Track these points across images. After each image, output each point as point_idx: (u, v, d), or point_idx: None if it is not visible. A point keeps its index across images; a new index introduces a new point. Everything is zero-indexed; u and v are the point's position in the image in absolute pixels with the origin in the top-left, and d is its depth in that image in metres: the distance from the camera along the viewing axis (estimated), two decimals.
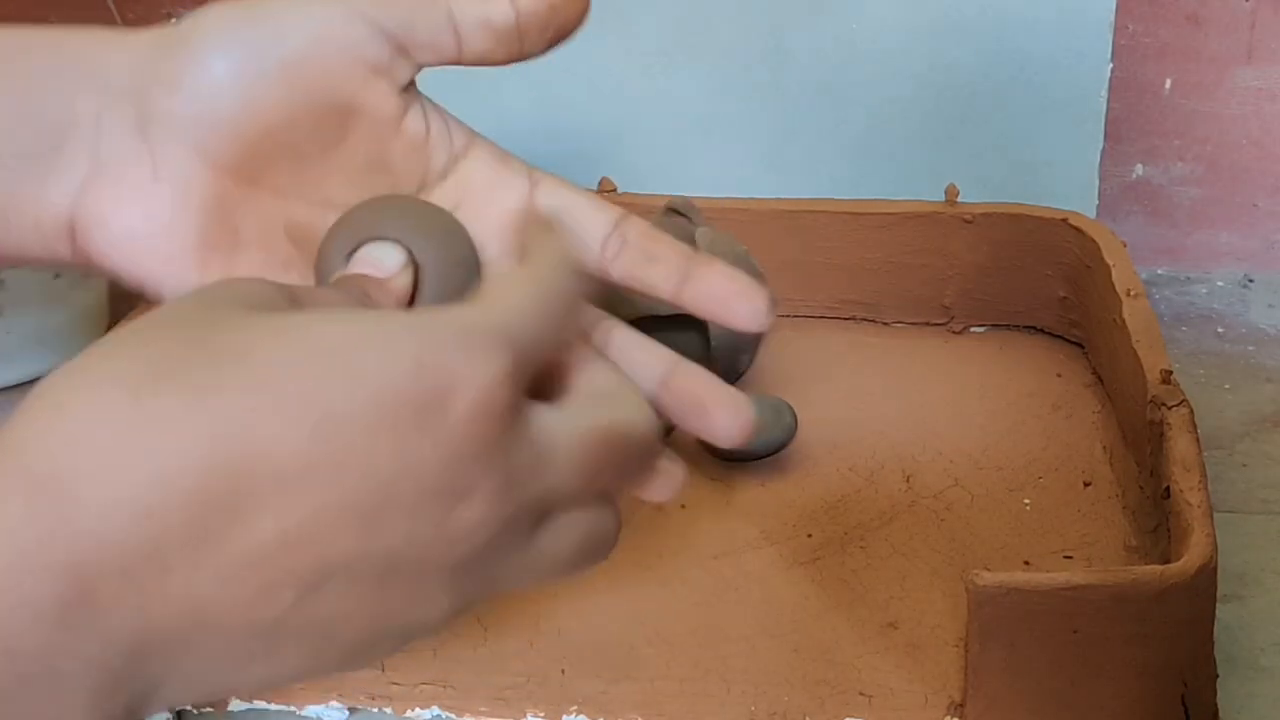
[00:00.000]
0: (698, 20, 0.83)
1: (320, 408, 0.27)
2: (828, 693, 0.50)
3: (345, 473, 0.27)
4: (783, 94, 0.83)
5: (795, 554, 0.58)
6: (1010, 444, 0.65)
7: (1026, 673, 0.47)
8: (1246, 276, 0.86)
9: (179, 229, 0.38)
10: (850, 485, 0.63)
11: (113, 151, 0.38)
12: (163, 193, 0.38)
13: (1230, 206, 0.87)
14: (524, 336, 0.30)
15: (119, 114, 0.38)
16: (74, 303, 0.75)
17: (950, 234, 0.73)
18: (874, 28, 0.82)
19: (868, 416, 0.68)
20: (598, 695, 0.50)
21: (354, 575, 0.28)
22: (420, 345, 0.28)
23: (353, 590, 0.28)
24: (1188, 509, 0.49)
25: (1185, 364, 0.74)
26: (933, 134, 0.82)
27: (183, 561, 0.26)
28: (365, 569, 0.28)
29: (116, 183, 0.38)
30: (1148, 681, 0.47)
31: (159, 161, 0.38)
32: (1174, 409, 0.55)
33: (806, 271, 0.75)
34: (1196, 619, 0.47)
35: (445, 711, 0.50)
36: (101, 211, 0.38)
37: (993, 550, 0.58)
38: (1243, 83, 0.84)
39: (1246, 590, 0.57)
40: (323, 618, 0.28)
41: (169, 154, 0.38)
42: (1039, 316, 0.74)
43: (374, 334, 0.28)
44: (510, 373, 0.29)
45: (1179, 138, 0.86)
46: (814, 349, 0.74)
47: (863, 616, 0.54)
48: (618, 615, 0.54)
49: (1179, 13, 0.83)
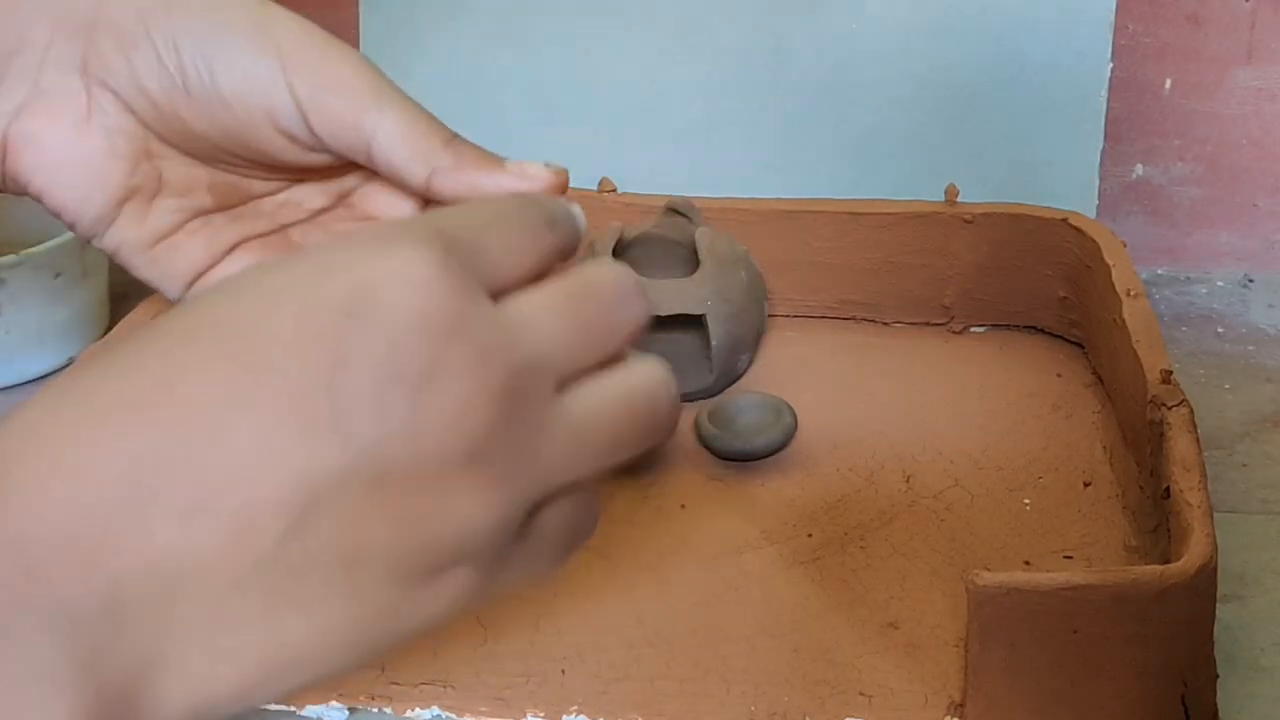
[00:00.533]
0: (698, 20, 0.83)
1: (246, 339, 0.27)
2: (828, 693, 0.50)
3: (286, 390, 0.27)
4: (783, 94, 0.83)
5: (795, 554, 0.58)
6: (1010, 444, 0.65)
7: (1026, 673, 0.47)
8: (1246, 276, 0.86)
9: (104, 169, 0.40)
10: (850, 485, 0.63)
11: (53, 82, 0.40)
12: (94, 134, 0.40)
13: (1230, 206, 0.87)
14: (458, 227, 0.30)
15: (67, 47, 0.40)
16: (74, 303, 0.75)
17: (950, 234, 0.73)
18: (874, 28, 0.82)
19: (868, 416, 0.68)
20: (598, 695, 0.50)
21: (342, 489, 0.27)
22: (341, 254, 0.28)
23: (350, 506, 0.27)
24: (1188, 509, 0.49)
25: (1185, 364, 0.74)
26: (933, 134, 0.82)
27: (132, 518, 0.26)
28: (350, 479, 0.27)
29: (51, 112, 0.40)
30: (1148, 681, 0.47)
31: (94, 104, 0.40)
32: (1174, 409, 0.55)
33: (806, 271, 0.75)
34: (1196, 619, 0.47)
35: (445, 711, 0.50)
36: (35, 137, 0.40)
37: (993, 550, 0.58)
38: (1243, 83, 0.84)
39: (1246, 590, 0.57)
40: (331, 544, 0.27)
41: (104, 100, 0.40)
42: (1039, 316, 0.74)
43: (303, 261, 0.29)
44: (442, 258, 0.28)
45: (1179, 138, 0.86)
46: (814, 349, 0.74)
47: (863, 616, 0.54)
48: (618, 615, 0.54)
49: (1179, 13, 0.83)
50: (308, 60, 0.38)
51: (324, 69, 0.38)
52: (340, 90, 0.38)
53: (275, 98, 0.38)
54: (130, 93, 0.40)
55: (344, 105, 0.38)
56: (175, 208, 0.42)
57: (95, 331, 0.77)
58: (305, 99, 0.38)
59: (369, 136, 0.38)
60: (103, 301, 0.78)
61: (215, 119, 0.40)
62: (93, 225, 0.42)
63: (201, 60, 0.39)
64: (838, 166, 0.84)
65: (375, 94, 0.38)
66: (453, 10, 0.85)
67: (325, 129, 0.39)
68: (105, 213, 0.41)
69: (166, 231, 0.42)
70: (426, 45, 0.86)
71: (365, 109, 0.38)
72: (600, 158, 0.79)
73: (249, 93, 0.39)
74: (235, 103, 0.39)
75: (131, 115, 0.40)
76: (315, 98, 0.38)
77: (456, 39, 0.85)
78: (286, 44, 0.39)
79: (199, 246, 0.43)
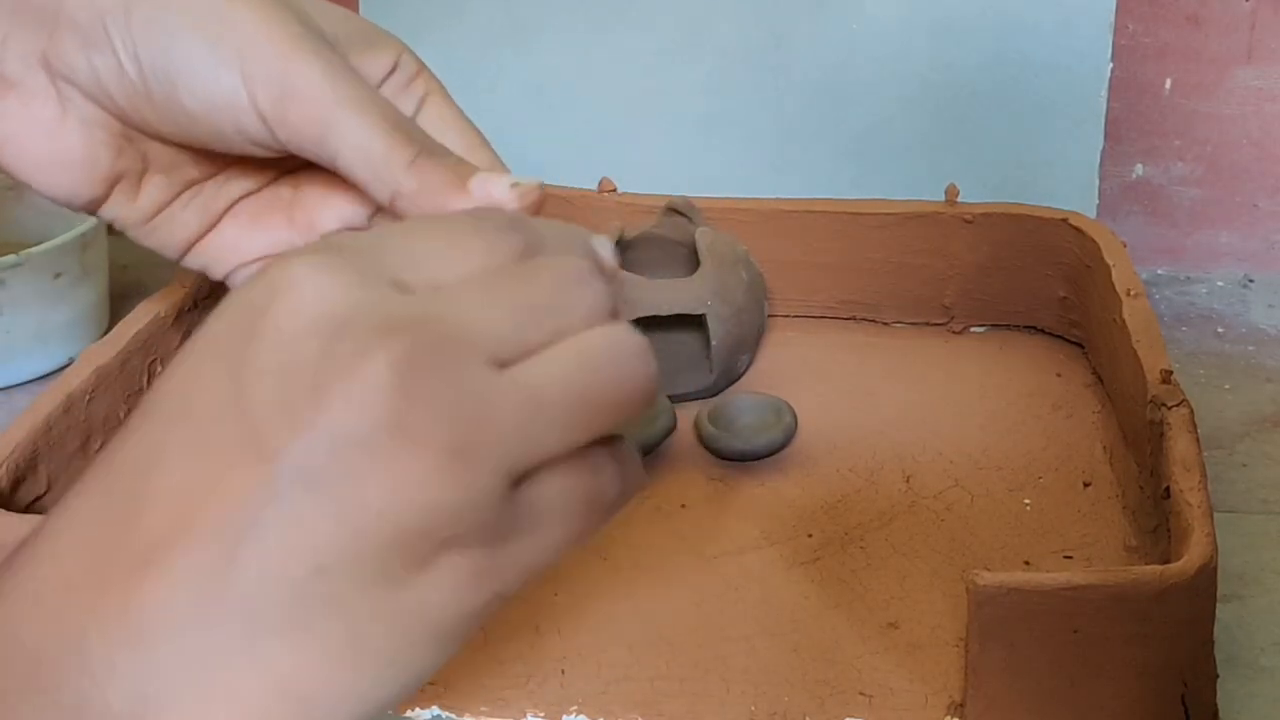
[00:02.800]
0: (698, 20, 0.83)
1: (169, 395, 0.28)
2: (828, 693, 0.50)
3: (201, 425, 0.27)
4: (783, 94, 0.83)
5: (795, 554, 0.58)
6: (1010, 444, 0.65)
7: (1026, 673, 0.47)
8: (1246, 276, 0.86)
9: (87, 160, 0.41)
10: (850, 485, 0.63)
11: (17, 74, 0.40)
12: (70, 127, 0.40)
13: (1230, 206, 0.87)
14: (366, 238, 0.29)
15: (27, 38, 0.39)
16: (74, 303, 0.75)
17: (950, 234, 0.73)
18: (874, 28, 0.82)
19: (868, 416, 0.68)
20: (598, 695, 0.50)
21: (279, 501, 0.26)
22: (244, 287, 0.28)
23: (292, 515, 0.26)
24: (1188, 509, 0.49)
25: (1185, 364, 0.74)
26: (933, 134, 0.82)
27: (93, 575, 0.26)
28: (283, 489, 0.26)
29: (24, 108, 0.40)
30: (1148, 681, 0.47)
31: (65, 101, 0.40)
32: (1174, 409, 0.55)
33: (806, 271, 0.75)
34: (1196, 619, 0.47)
35: (445, 711, 0.50)
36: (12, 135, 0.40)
37: (993, 550, 0.58)
38: (1243, 83, 0.84)
39: (1246, 590, 0.57)
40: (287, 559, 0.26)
41: (72, 94, 0.40)
42: (1039, 316, 0.74)
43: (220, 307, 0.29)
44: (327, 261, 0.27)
45: (1179, 138, 0.86)
46: (814, 349, 0.74)
47: (863, 616, 0.54)
48: (618, 615, 0.54)
49: (1179, 13, 0.83)
50: (270, 69, 0.37)
51: (286, 78, 0.37)
52: (301, 102, 0.37)
53: (239, 112, 0.38)
54: (95, 91, 0.39)
55: (305, 120, 0.37)
56: (164, 184, 0.42)
57: (95, 331, 0.77)
58: (269, 112, 0.38)
59: (332, 155, 0.38)
60: (103, 301, 0.78)
61: (180, 125, 0.39)
62: (86, 206, 0.42)
63: (162, 73, 0.38)
64: (838, 166, 0.84)
65: (337, 106, 0.37)
66: (453, 10, 0.85)
67: (291, 140, 0.38)
68: (96, 197, 0.41)
69: (160, 206, 0.43)
70: (426, 45, 0.86)
71: (326, 125, 0.37)
72: (600, 158, 0.79)
73: (212, 109, 0.38)
74: (200, 116, 0.38)
75: (101, 108, 0.40)
76: (278, 110, 0.37)
77: (456, 39, 0.85)
78: (248, 50, 0.37)
79: (193, 216, 0.43)
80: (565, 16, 0.84)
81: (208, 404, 0.27)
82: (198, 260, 0.44)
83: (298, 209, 0.44)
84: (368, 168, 0.37)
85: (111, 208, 0.42)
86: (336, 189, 0.43)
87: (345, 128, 0.37)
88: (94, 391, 0.59)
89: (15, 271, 0.72)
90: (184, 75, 0.38)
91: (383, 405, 0.26)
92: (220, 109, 0.38)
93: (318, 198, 0.43)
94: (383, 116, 0.37)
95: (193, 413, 0.27)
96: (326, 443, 0.26)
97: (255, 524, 0.26)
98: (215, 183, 0.43)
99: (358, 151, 0.37)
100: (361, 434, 0.26)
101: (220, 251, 0.44)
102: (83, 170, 0.41)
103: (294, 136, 0.38)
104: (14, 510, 0.52)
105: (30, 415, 0.56)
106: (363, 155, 0.37)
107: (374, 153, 0.37)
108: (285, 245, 0.44)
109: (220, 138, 0.39)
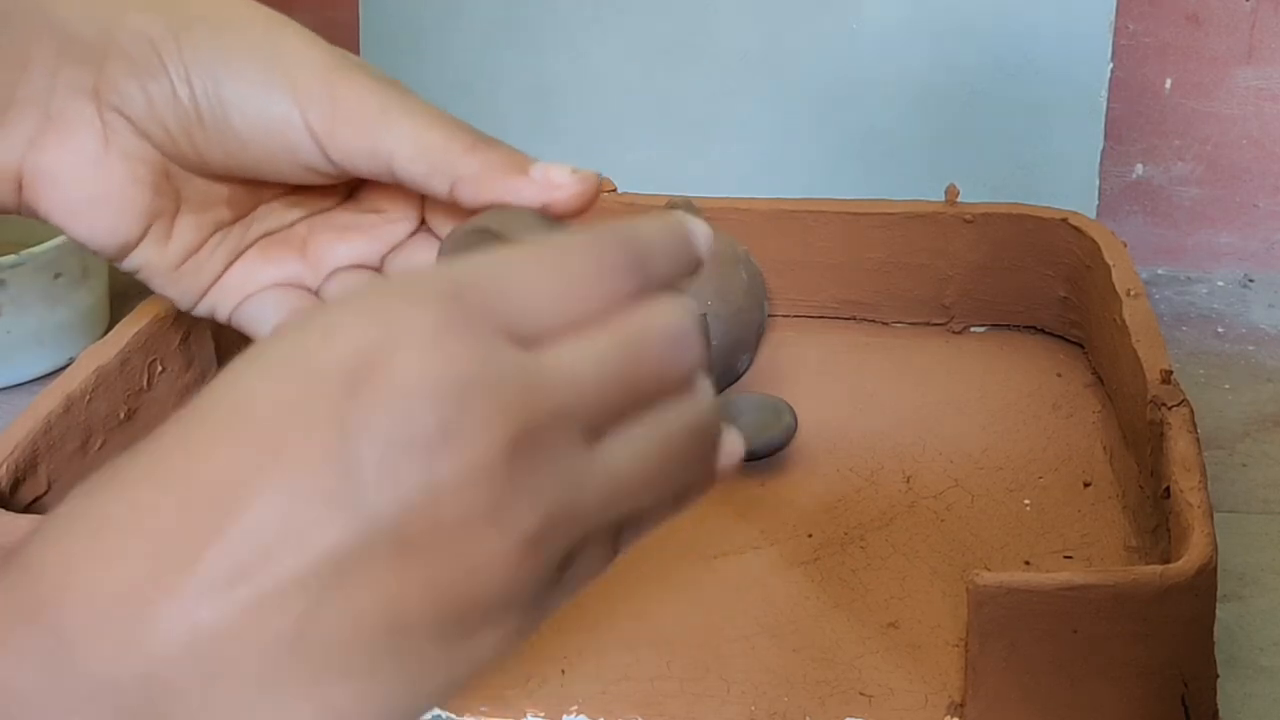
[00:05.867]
0: (698, 20, 0.83)
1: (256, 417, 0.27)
2: (828, 693, 0.50)
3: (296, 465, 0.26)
4: (783, 94, 0.83)
5: (795, 554, 0.58)
6: (1010, 444, 0.65)
7: (1026, 673, 0.47)
8: (1246, 276, 0.86)
9: (127, 199, 0.40)
10: (850, 485, 0.62)
11: (64, 109, 0.39)
12: (114, 164, 0.40)
13: (1230, 206, 0.87)
14: (480, 275, 0.29)
15: (77, 72, 0.39)
16: (74, 303, 0.75)
17: (950, 234, 0.73)
18: (874, 28, 0.82)
19: (868, 416, 0.68)
20: (598, 695, 0.50)
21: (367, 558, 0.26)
22: (344, 316, 0.27)
23: (380, 573, 0.26)
24: (1188, 509, 0.49)
25: (1185, 364, 0.75)
26: (933, 134, 0.82)
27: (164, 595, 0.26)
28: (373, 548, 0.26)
29: (66, 144, 0.39)
30: (1148, 681, 0.47)
31: (109, 134, 0.40)
32: (1174, 409, 0.55)
33: (806, 271, 0.75)
34: (1196, 619, 0.47)
35: (445, 711, 0.50)
36: (52, 172, 0.40)
37: (993, 550, 0.58)
38: (1243, 83, 0.84)
39: (1246, 590, 0.57)
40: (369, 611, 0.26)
41: (119, 125, 0.39)
42: (1039, 316, 0.74)
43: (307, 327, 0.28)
44: (448, 316, 0.27)
45: (1179, 138, 0.86)
46: (814, 349, 0.74)
47: (863, 616, 0.54)
48: (618, 615, 0.54)
49: (1179, 13, 0.83)
50: (319, 90, 0.38)
51: (334, 97, 0.38)
52: (350, 118, 0.38)
53: (292, 135, 0.38)
54: (146, 122, 0.39)
55: (356, 133, 0.38)
56: (195, 225, 0.42)
57: (95, 332, 0.77)
58: (321, 133, 0.38)
59: (387, 159, 0.38)
60: (103, 302, 0.78)
61: (230, 152, 0.39)
62: (120, 250, 0.41)
63: (215, 97, 0.38)
64: (838, 166, 0.84)
65: (384, 113, 0.38)
66: (453, 10, 0.85)
67: (344, 159, 0.38)
68: (131, 239, 0.41)
69: (190, 250, 0.42)
70: (426, 45, 0.86)
71: (377, 132, 0.38)
72: (600, 158, 0.79)
73: (266, 132, 0.38)
74: (251, 140, 0.38)
75: (147, 140, 0.40)
76: (329, 129, 0.38)
77: (456, 39, 0.85)
78: (297, 73, 0.38)
79: (218, 261, 0.43)
80: (565, 17, 0.84)
81: (309, 451, 0.26)
82: (207, 305, 0.44)
83: (311, 244, 0.44)
84: (425, 160, 0.38)
85: (143, 251, 0.42)
86: (350, 231, 0.43)
87: (398, 129, 0.38)
88: (94, 391, 0.59)
89: (15, 271, 0.72)
90: (237, 99, 0.38)
91: (487, 490, 0.27)
92: (273, 132, 0.38)
93: (334, 235, 0.43)
94: (434, 115, 0.38)
95: (287, 452, 0.26)
96: (427, 518, 0.26)
97: (341, 575, 0.26)
98: (243, 224, 0.43)
99: (414, 146, 0.38)
100: (462, 513, 0.27)
101: (225, 292, 0.43)
102: (120, 206, 0.40)
103: (346, 151, 0.38)
104: (14, 510, 0.52)
105: (30, 415, 0.56)
106: (420, 148, 0.38)
107: (431, 143, 0.38)
108: (295, 278, 0.43)
109: (271, 161, 0.39)
